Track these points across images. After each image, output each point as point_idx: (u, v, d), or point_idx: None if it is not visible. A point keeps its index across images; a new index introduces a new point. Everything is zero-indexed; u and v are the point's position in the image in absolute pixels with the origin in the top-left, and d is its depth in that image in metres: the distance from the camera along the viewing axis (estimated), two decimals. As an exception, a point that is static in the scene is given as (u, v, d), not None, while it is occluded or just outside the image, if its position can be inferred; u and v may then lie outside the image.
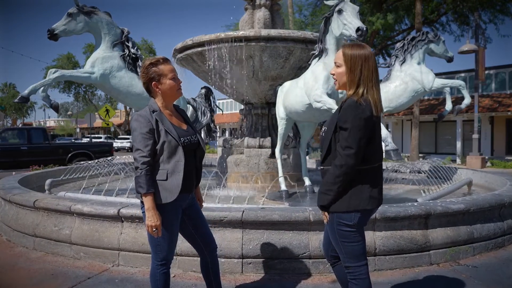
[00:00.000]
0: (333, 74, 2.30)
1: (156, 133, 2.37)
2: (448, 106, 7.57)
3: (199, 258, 3.54)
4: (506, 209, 4.53)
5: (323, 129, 2.35)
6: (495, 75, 22.30)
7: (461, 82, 7.53)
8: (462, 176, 7.24)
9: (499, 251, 4.23)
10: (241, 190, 6.20)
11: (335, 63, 2.28)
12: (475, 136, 18.36)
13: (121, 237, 3.82)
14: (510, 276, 3.56)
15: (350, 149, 2.10)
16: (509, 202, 4.47)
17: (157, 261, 2.50)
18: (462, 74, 22.68)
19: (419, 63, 7.59)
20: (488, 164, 17.97)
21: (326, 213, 2.28)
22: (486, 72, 20.22)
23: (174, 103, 2.63)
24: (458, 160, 20.42)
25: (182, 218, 2.59)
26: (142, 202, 2.41)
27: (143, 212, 2.40)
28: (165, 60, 2.48)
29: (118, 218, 3.85)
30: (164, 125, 2.40)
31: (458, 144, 21.60)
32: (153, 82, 2.45)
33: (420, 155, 20.10)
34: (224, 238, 3.60)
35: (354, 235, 2.22)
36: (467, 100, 7.51)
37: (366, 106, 2.12)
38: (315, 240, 3.60)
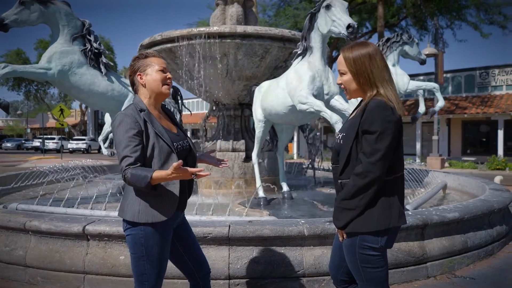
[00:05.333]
0: (341, 84, 2.03)
1: (144, 136, 1.96)
2: (421, 108, 7.51)
3: (180, 281, 3.16)
4: (495, 216, 4.43)
5: (339, 135, 2.02)
6: (451, 78, 23.11)
7: (435, 85, 7.52)
8: (437, 179, 7.20)
9: (491, 260, 4.09)
10: (215, 197, 5.77)
11: (338, 71, 2.00)
12: (435, 137, 18.92)
13: (87, 258, 3.30)
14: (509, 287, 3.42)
15: (375, 156, 1.80)
16: (498, 208, 4.36)
17: (141, 293, 2.06)
18: (421, 77, 23.31)
19: (393, 65, 7.49)
20: (447, 164, 18.54)
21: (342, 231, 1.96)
22: (444, 75, 20.87)
23: None
24: (418, 161, 20.95)
25: (172, 238, 2.17)
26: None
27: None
28: (156, 54, 2.14)
29: (83, 236, 3.33)
30: (154, 127, 1.99)
31: (418, 145, 22.23)
32: (138, 73, 2.07)
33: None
34: (208, 257, 3.13)
35: (378, 259, 1.91)
36: (441, 103, 7.53)
37: (395, 107, 1.85)
38: (309, 257, 3.27)
